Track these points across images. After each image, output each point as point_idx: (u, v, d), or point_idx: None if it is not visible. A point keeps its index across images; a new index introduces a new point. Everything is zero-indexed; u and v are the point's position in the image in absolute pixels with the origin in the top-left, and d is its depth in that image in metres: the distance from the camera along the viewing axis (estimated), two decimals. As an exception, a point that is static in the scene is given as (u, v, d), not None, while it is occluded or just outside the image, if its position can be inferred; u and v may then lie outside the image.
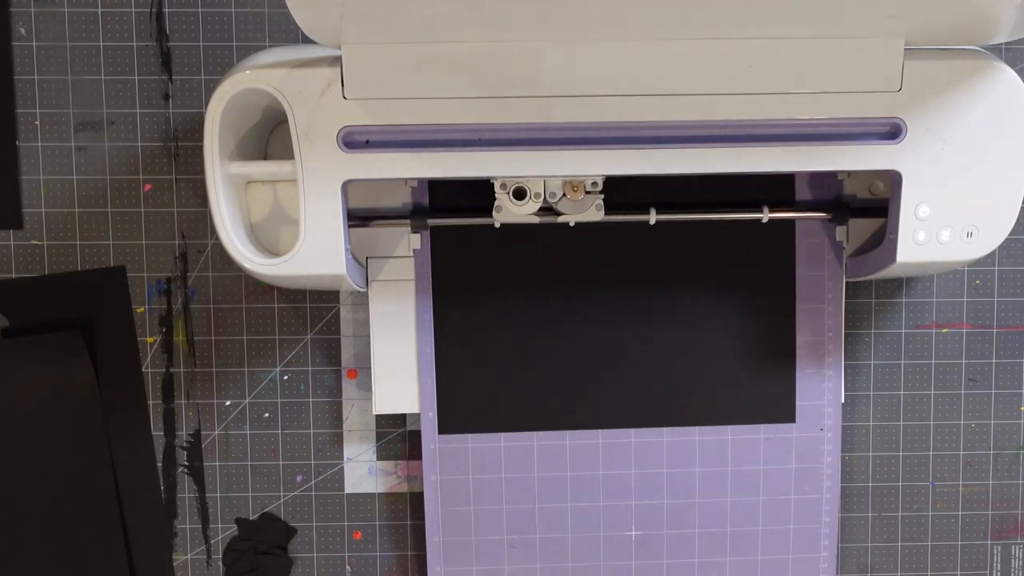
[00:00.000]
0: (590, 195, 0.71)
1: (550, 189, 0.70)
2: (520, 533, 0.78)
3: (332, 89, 0.66)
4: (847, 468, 0.81)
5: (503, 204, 0.71)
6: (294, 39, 0.76)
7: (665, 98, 0.67)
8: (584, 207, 0.71)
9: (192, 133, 0.76)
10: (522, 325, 0.76)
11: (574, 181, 0.70)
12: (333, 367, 0.78)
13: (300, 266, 0.67)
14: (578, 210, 0.71)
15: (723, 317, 0.77)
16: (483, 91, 0.66)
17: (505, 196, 0.70)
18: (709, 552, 0.78)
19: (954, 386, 0.81)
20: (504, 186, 0.70)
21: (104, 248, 0.77)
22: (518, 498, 0.77)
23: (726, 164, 0.68)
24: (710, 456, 0.78)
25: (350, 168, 0.66)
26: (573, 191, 0.71)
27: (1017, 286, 0.80)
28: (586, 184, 0.71)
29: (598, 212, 0.72)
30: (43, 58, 0.75)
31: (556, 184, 0.70)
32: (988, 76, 0.68)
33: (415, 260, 0.76)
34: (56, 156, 0.76)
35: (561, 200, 0.71)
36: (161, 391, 0.78)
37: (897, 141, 0.68)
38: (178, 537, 0.79)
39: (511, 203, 0.70)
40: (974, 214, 0.69)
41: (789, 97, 0.67)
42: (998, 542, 0.82)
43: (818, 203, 0.77)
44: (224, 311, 0.78)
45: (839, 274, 0.78)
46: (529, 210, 0.71)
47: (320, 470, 0.79)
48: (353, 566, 0.80)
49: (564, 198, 0.71)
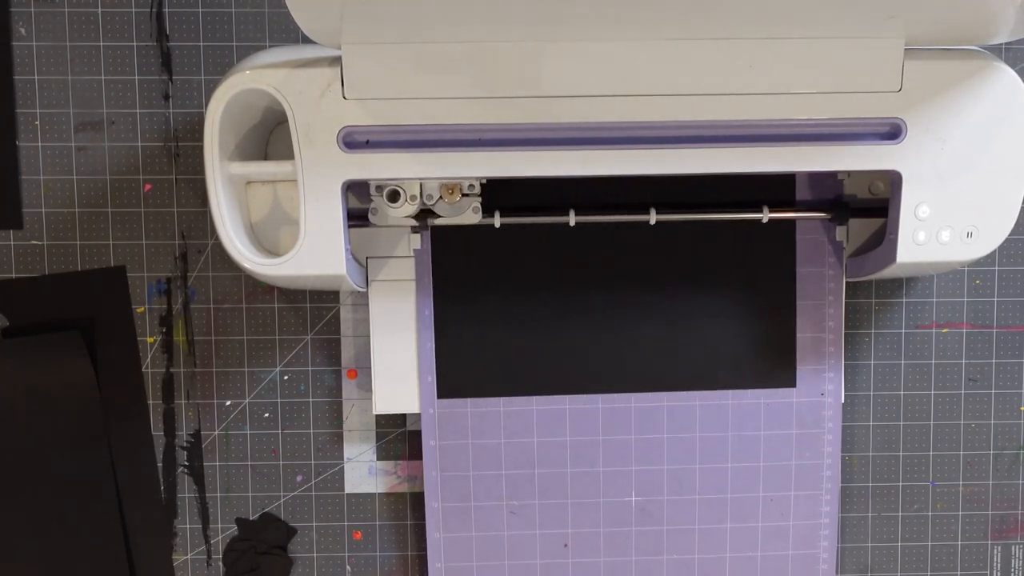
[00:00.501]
0: (467, 197, 0.71)
1: (427, 192, 0.71)
2: (519, 499, 0.78)
3: (332, 89, 0.66)
4: (847, 468, 0.81)
5: (379, 206, 0.71)
6: (294, 39, 0.76)
7: (665, 98, 0.67)
8: (461, 210, 0.72)
9: (192, 133, 0.76)
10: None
11: (450, 183, 0.71)
12: (333, 367, 0.79)
13: (300, 266, 0.67)
14: (455, 212, 0.72)
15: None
16: (483, 91, 0.66)
17: (380, 198, 0.70)
18: (709, 518, 0.78)
19: (954, 386, 0.81)
20: (379, 188, 0.70)
21: (104, 248, 0.77)
22: (517, 463, 0.77)
23: (726, 164, 0.68)
24: (710, 421, 0.77)
25: (350, 168, 0.66)
26: (449, 194, 0.71)
27: (1017, 286, 0.80)
28: (463, 186, 0.71)
29: (475, 215, 0.72)
30: (43, 58, 0.75)
31: (433, 186, 0.71)
32: (988, 76, 0.68)
33: (415, 260, 0.76)
34: (56, 156, 0.76)
35: (438, 202, 0.71)
36: (161, 391, 0.78)
37: (897, 141, 0.68)
38: (178, 537, 0.79)
39: (387, 205, 0.71)
40: (974, 214, 0.69)
41: (789, 97, 0.67)
42: (998, 542, 0.82)
43: (818, 203, 0.77)
44: (224, 311, 0.78)
45: (839, 274, 0.78)
46: (405, 212, 0.71)
47: (320, 470, 0.79)
48: (353, 566, 0.80)
49: (440, 200, 0.71)
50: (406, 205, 0.71)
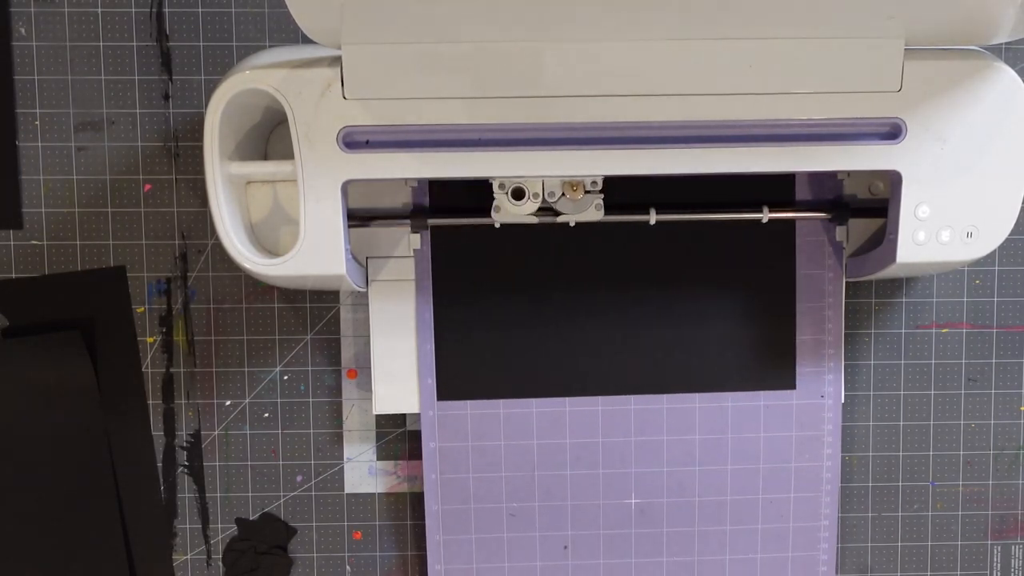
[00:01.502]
0: (589, 194, 0.71)
1: (549, 189, 0.70)
2: (519, 501, 0.78)
3: (332, 89, 0.66)
4: (847, 468, 0.81)
5: (501, 204, 0.71)
6: (294, 39, 0.76)
7: (665, 98, 0.67)
8: (583, 207, 0.71)
9: (192, 133, 0.76)
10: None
11: (573, 181, 0.70)
12: (333, 367, 0.79)
13: (300, 266, 0.67)
14: (577, 210, 0.71)
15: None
16: (483, 91, 0.66)
17: (504, 196, 0.70)
18: (709, 520, 0.78)
19: (954, 386, 0.81)
20: (503, 186, 0.70)
21: (104, 248, 0.77)
22: (517, 465, 0.77)
23: (726, 164, 0.68)
24: (710, 423, 0.77)
25: (350, 168, 0.66)
26: (572, 190, 0.71)
27: (1017, 286, 0.80)
28: (585, 184, 0.71)
29: (597, 212, 0.72)
30: (43, 58, 0.75)
31: (555, 184, 0.70)
32: (988, 76, 0.68)
33: (415, 260, 0.76)
34: (56, 156, 0.76)
35: (560, 200, 0.71)
36: (161, 391, 0.78)
37: (897, 141, 0.68)
38: (178, 537, 0.79)
39: (510, 203, 0.70)
40: (974, 214, 0.69)
41: (789, 97, 0.67)
42: (998, 542, 0.82)
43: (818, 203, 0.77)
44: (224, 311, 0.78)
45: (839, 274, 0.78)
46: (528, 210, 0.71)
47: (320, 470, 0.79)
48: (353, 566, 0.80)
49: (563, 198, 0.71)
50: (529, 203, 0.70)
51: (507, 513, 0.78)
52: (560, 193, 0.71)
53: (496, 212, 0.71)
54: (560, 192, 0.71)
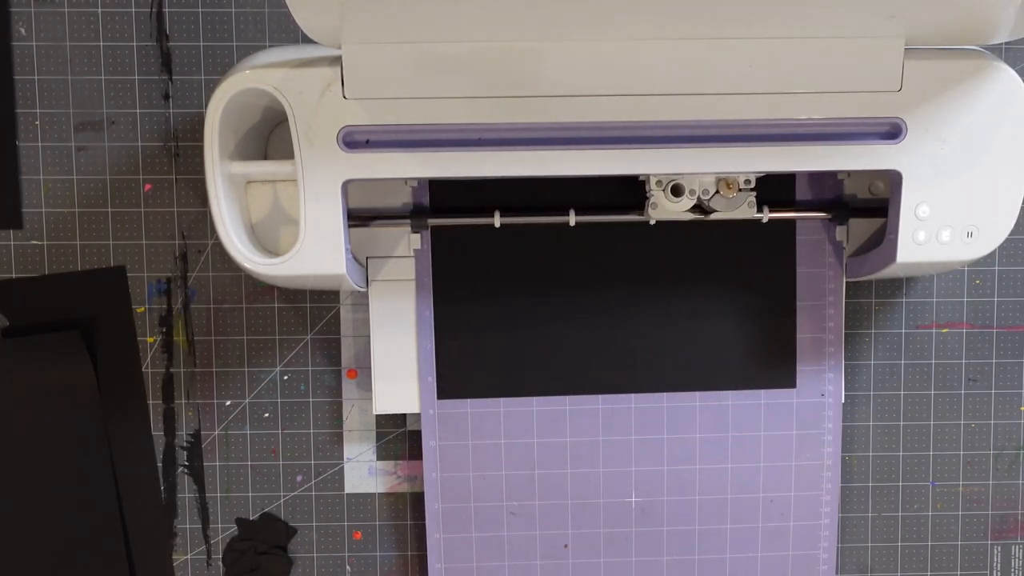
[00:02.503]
0: (743, 192, 0.71)
1: (703, 187, 0.70)
2: (519, 500, 0.78)
3: (332, 89, 0.66)
4: (847, 468, 0.81)
5: (658, 201, 0.70)
6: (294, 39, 0.76)
7: (665, 98, 0.67)
8: (736, 204, 0.71)
9: (192, 133, 0.76)
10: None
11: (728, 179, 0.70)
12: (333, 367, 0.79)
13: (300, 266, 0.67)
14: (731, 207, 0.71)
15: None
16: (483, 91, 0.66)
17: (661, 193, 0.70)
18: (709, 519, 0.78)
19: (954, 386, 0.81)
20: (660, 182, 0.70)
21: (104, 248, 0.77)
22: (517, 464, 0.77)
23: (726, 164, 0.68)
24: (710, 422, 0.77)
25: (350, 168, 0.66)
26: (727, 188, 0.70)
27: (1017, 286, 0.80)
28: (739, 182, 0.70)
29: (750, 209, 0.71)
30: (43, 58, 0.75)
31: (709, 181, 0.70)
32: (988, 76, 0.68)
33: (415, 260, 0.76)
34: (56, 156, 0.76)
35: (714, 197, 0.70)
36: (161, 391, 0.78)
37: (897, 141, 0.68)
38: (178, 537, 0.79)
39: (667, 200, 0.70)
40: (974, 214, 0.69)
41: (789, 97, 0.67)
42: (998, 542, 0.82)
43: (818, 203, 0.77)
44: (224, 311, 0.78)
45: (839, 274, 0.78)
46: (684, 207, 0.70)
47: (320, 470, 0.79)
48: (353, 566, 0.80)
49: (717, 195, 0.70)
50: (685, 199, 0.70)
51: (507, 512, 0.78)
52: (714, 191, 0.70)
53: (653, 209, 0.71)
54: (715, 190, 0.70)
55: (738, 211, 0.71)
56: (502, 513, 0.78)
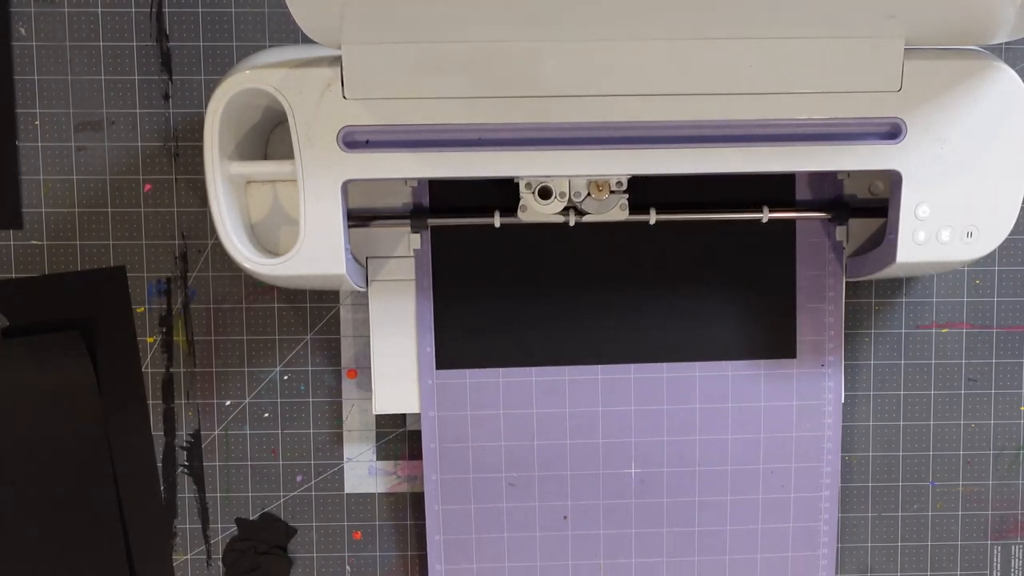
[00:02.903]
0: (615, 194, 0.71)
1: (575, 189, 0.70)
2: (518, 471, 0.77)
3: (332, 89, 0.66)
4: (847, 468, 0.81)
5: (528, 203, 0.70)
6: (294, 39, 0.76)
7: (665, 98, 0.67)
8: (608, 207, 0.71)
9: (192, 133, 0.76)
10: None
11: (599, 181, 0.70)
12: (333, 367, 0.79)
13: (300, 266, 0.67)
14: (602, 209, 0.71)
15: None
16: (483, 91, 0.66)
17: (531, 195, 0.70)
18: (709, 491, 0.78)
19: (954, 386, 0.81)
20: (529, 185, 0.70)
21: (104, 248, 0.77)
22: (517, 435, 0.77)
23: (726, 164, 0.68)
24: (710, 392, 0.77)
25: (350, 168, 0.66)
26: (598, 190, 0.70)
27: (1017, 286, 0.80)
28: (611, 183, 0.70)
29: (622, 212, 0.72)
30: (43, 58, 0.75)
31: (581, 183, 0.70)
32: (988, 76, 0.68)
33: (415, 260, 0.76)
34: (56, 156, 0.76)
35: (586, 199, 0.71)
36: (161, 391, 0.78)
37: (897, 141, 0.68)
38: (178, 537, 0.79)
39: (536, 203, 0.70)
40: (974, 214, 0.69)
41: (789, 97, 0.67)
42: (998, 542, 0.82)
43: (818, 203, 0.77)
44: (224, 311, 0.78)
45: (839, 274, 0.78)
46: (554, 209, 0.71)
47: (320, 470, 0.79)
48: (353, 566, 0.80)
49: (589, 197, 0.71)
50: (555, 202, 0.70)
51: (506, 483, 0.77)
52: (586, 193, 0.70)
53: (523, 212, 0.71)
54: (586, 192, 0.70)
55: (609, 214, 0.71)
56: (501, 484, 0.77)
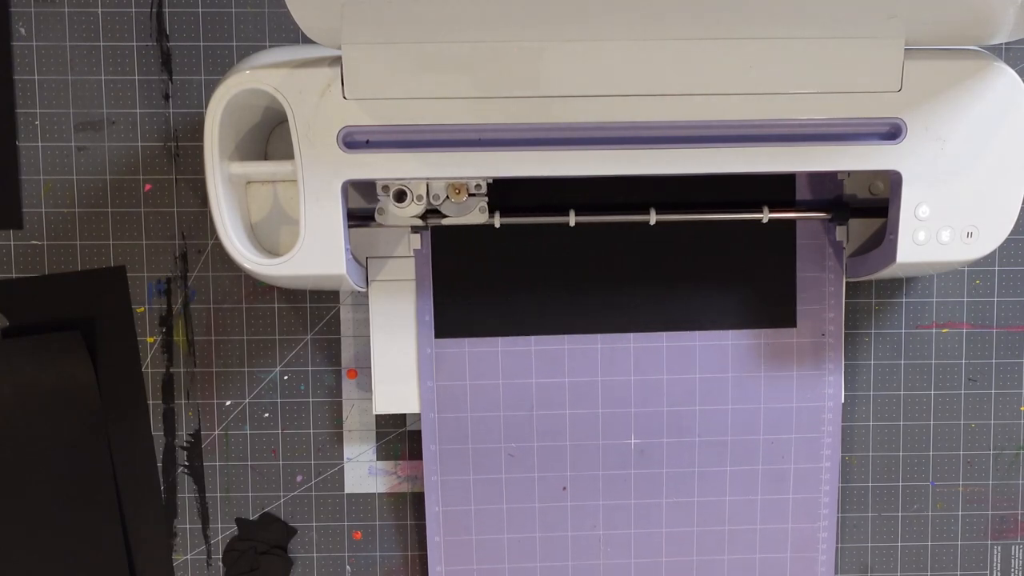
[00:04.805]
0: (474, 197, 0.71)
1: (433, 191, 0.71)
2: (517, 441, 0.77)
3: (332, 89, 0.66)
4: (847, 468, 0.81)
5: (385, 206, 0.71)
6: (294, 39, 0.76)
7: (665, 98, 0.67)
8: (467, 209, 0.72)
9: (192, 133, 0.76)
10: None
11: (457, 183, 0.71)
12: (333, 367, 0.79)
13: (300, 266, 0.67)
14: (461, 212, 0.72)
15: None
16: (483, 91, 0.66)
17: (387, 198, 0.70)
18: (709, 461, 0.78)
19: (954, 386, 0.81)
20: (386, 188, 0.70)
21: (104, 248, 0.77)
22: (516, 405, 0.77)
23: (726, 164, 0.68)
24: (710, 362, 0.77)
25: (350, 168, 0.66)
26: (456, 193, 0.71)
27: (1017, 286, 0.80)
28: (469, 186, 0.71)
29: (481, 215, 0.72)
30: (43, 58, 0.75)
31: (439, 186, 0.71)
32: (988, 76, 0.68)
33: (415, 260, 0.76)
34: (56, 156, 0.76)
35: (444, 203, 0.71)
36: (161, 391, 0.78)
37: (897, 141, 0.68)
38: (178, 537, 0.79)
39: (393, 206, 0.71)
40: (974, 214, 0.69)
41: (789, 97, 0.67)
42: (998, 542, 0.82)
43: (818, 203, 0.77)
44: (224, 311, 0.78)
45: (839, 274, 0.78)
46: (411, 212, 0.71)
47: (320, 470, 0.79)
48: (353, 566, 0.80)
49: (447, 200, 0.71)
50: (412, 205, 0.71)
51: (505, 453, 0.77)
52: (444, 196, 0.71)
53: (379, 215, 0.72)
54: (444, 195, 0.71)
55: (469, 216, 0.72)
56: (500, 455, 0.77)
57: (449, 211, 0.72)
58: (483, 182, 0.71)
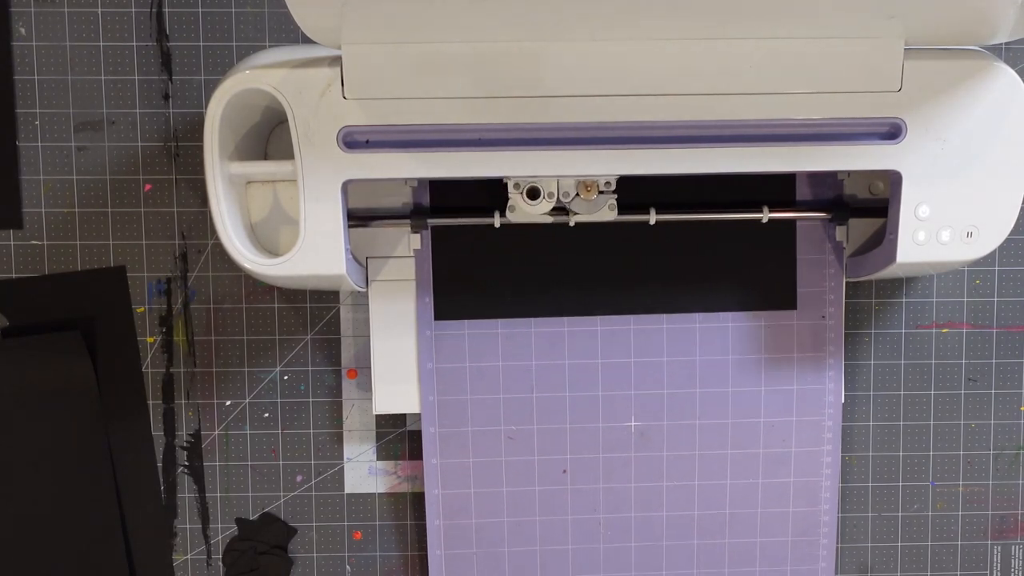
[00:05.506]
0: (603, 195, 0.71)
1: (563, 189, 0.70)
2: (517, 424, 0.77)
3: (332, 89, 0.66)
4: (847, 468, 0.81)
5: (516, 204, 0.70)
6: (294, 39, 0.76)
7: (665, 98, 0.67)
8: (597, 207, 0.71)
9: (192, 133, 0.76)
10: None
11: (587, 181, 0.70)
12: (333, 367, 0.79)
13: (300, 266, 0.67)
14: (591, 210, 0.71)
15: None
16: (483, 91, 0.66)
17: (519, 196, 0.70)
18: (710, 444, 0.78)
19: (954, 386, 0.81)
20: (518, 185, 0.70)
21: (104, 248, 0.77)
22: (515, 387, 0.77)
23: (726, 164, 0.68)
24: (710, 344, 0.77)
25: (350, 168, 0.66)
26: (586, 191, 0.70)
27: (1017, 286, 0.80)
28: (599, 184, 0.70)
29: (611, 212, 0.71)
30: (43, 58, 0.75)
31: (569, 184, 0.70)
32: (988, 76, 0.68)
33: (415, 260, 0.76)
34: (56, 156, 0.76)
35: (574, 200, 0.71)
36: (161, 391, 0.78)
37: (897, 141, 0.68)
38: (178, 537, 0.79)
39: (524, 203, 0.70)
40: (974, 214, 0.69)
41: (789, 97, 0.67)
42: (998, 542, 0.82)
43: (818, 203, 0.77)
44: (224, 311, 0.78)
45: (839, 274, 0.78)
46: (542, 210, 0.70)
47: (320, 470, 0.79)
48: (353, 566, 0.80)
49: (577, 198, 0.71)
50: (543, 202, 0.70)
51: (505, 436, 0.77)
52: (574, 193, 0.70)
53: (511, 212, 0.71)
54: (574, 192, 0.70)
55: (598, 214, 0.71)
56: (500, 437, 0.77)
57: (579, 208, 0.71)
58: (612, 179, 0.70)
